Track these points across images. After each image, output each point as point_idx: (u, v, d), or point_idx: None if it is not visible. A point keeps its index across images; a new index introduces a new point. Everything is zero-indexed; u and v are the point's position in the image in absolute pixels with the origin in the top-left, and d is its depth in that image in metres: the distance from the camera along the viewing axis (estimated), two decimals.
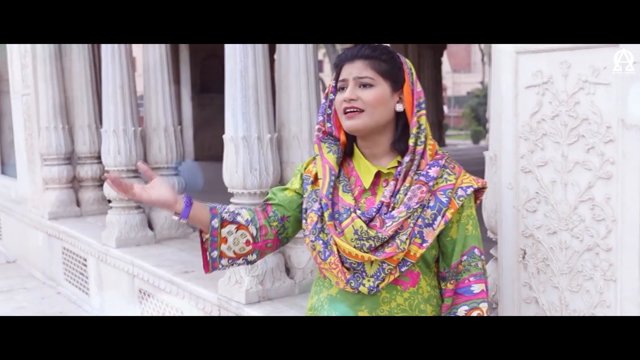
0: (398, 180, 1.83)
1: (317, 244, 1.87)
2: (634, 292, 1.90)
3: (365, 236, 1.79)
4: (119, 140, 5.38)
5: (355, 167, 1.93)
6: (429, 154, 1.86)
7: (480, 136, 21.32)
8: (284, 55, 3.80)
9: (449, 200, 1.82)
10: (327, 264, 1.85)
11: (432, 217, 1.81)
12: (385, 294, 1.84)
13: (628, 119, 1.85)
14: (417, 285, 1.85)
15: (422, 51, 13.80)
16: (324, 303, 1.93)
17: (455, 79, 40.70)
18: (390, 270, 1.80)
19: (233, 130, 3.67)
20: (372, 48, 1.86)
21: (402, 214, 1.79)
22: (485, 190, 1.94)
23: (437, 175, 1.83)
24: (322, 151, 1.94)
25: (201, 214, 1.94)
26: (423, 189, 1.81)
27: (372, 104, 1.82)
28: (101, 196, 6.73)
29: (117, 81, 5.33)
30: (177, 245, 5.35)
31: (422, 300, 1.86)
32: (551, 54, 2.01)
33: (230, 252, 1.97)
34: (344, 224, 1.83)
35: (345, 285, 1.84)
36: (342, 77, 1.87)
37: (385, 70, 1.84)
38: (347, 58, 1.86)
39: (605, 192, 1.92)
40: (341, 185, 1.90)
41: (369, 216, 1.81)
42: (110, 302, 5.49)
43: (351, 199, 1.86)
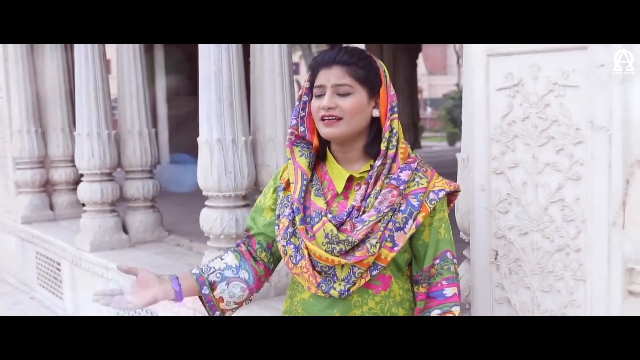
0: (369, 184, 1.83)
1: (288, 248, 1.87)
2: (602, 292, 1.92)
3: (335, 240, 1.79)
4: (93, 143, 5.34)
5: (328, 171, 1.92)
6: (400, 157, 1.86)
7: (456, 138, 21.45)
8: (259, 57, 3.80)
9: (420, 204, 1.82)
10: (298, 268, 1.86)
11: (403, 221, 1.81)
12: (357, 298, 1.84)
13: (597, 121, 1.88)
14: (388, 288, 1.85)
15: (397, 53, 13.85)
16: (297, 307, 1.93)
17: (431, 81, 40.92)
18: (361, 274, 1.80)
19: (208, 132, 3.66)
20: (350, 53, 1.84)
21: (373, 217, 1.79)
22: (458, 194, 1.95)
23: (408, 179, 1.83)
24: (294, 155, 1.93)
25: (191, 288, 1.96)
26: (394, 192, 1.81)
27: (350, 113, 1.81)
28: (75, 200, 6.67)
29: (90, 83, 5.30)
30: (152, 249, 5.33)
31: (394, 304, 1.86)
32: (521, 57, 2.03)
33: (231, 305, 2.00)
34: (315, 228, 1.83)
35: (317, 290, 1.84)
36: (318, 82, 1.84)
37: (362, 76, 1.83)
38: (324, 63, 1.84)
39: (574, 193, 1.95)
40: (313, 189, 1.90)
41: (339, 220, 1.81)
42: (85, 307, 5.45)
43: (323, 203, 1.87)
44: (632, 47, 1.80)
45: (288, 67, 3.84)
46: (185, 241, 5.36)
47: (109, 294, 1.91)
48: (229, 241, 3.71)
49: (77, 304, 5.61)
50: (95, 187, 5.38)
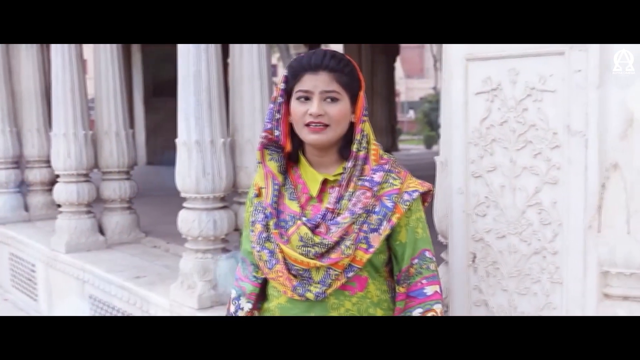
0: (342, 187, 1.84)
1: (263, 253, 1.88)
2: (578, 295, 1.95)
3: (310, 243, 1.80)
4: (69, 143, 5.29)
5: (302, 174, 1.92)
6: (372, 158, 1.87)
7: (432, 141, 21.55)
8: (238, 59, 3.79)
9: (394, 205, 1.83)
10: (273, 272, 1.86)
11: (377, 222, 1.82)
12: (333, 300, 1.84)
13: (573, 126, 1.90)
14: (365, 289, 1.86)
15: (375, 57, 13.89)
16: (275, 312, 1.94)
17: (409, 85, 41.07)
18: (337, 276, 1.81)
19: (186, 134, 3.65)
20: (336, 59, 1.83)
21: (347, 219, 1.80)
22: (431, 194, 1.95)
23: (381, 180, 1.84)
24: (264, 158, 1.92)
25: None
26: (367, 194, 1.82)
27: (337, 120, 1.82)
28: (50, 200, 6.60)
29: (67, 84, 5.24)
30: (129, 250, 5.28)
31: (372, 305, 1.87)
32: (500, 61, 2.05)
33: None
34: (289, 232, 1.84)
35: (292, 293, 1.85)
36: (304, 87, 1.82)
37: (347, 83, 1.83)
38: (311, 67, 1.82)
39: (551, 197, 1.97)
40: (287, 193, 1.90)
41: (314, 223, 1.82)
42: (59, 309, 5.40)
43: (297, 206, 1.87)
44: (608, 48, 1.83)
45: (267, 69, 3.84)
46: (162, 243, 5.33)
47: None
48: (206, 243, 3.70)
49: (51, 305, 5.55)
50: (71, 188, 5.33)
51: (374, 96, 13.54)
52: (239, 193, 3.95)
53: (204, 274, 3.66)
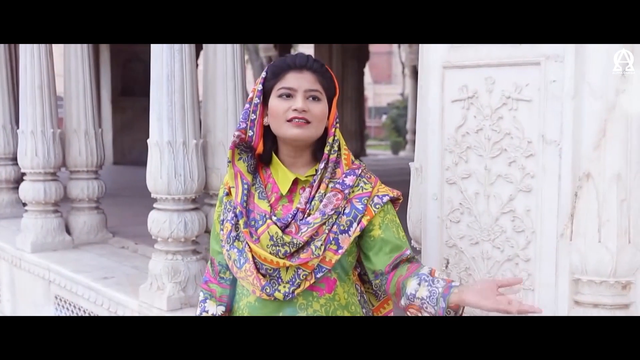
0: (313, 187, 1.87)
1: (232, 252, 1.89)
2: (550, 302, 1.97)
3: (280, 242, 1.82)
4: (36, 141, 5.22)
5: (273, 174, 1.94)
6: (344, 162, 1.91)
7: (399, 147, 21.64)
8: (211, 60, 3.79)
9: (364, 207, 1.86)
10: (242, 272, 1.87)
11: (347, 224, 1.85)
12: (302, 301, 1.86)
13: (548, 135, 1.93)
14: (333, 291, 1.88)
15: (346, 61, 13.95)
16: (244, 311, 1.95)
17: (376, 90, 41.23)
18: (306, 276, 1.83)
19: (158, 134, 3.63)
20: (319, 62, 1.91)
21: (317, 220, 1.82)
22: (400, 202, 1.99)
23: (353, 184, 1.88)
24: (234, 158, 1.94)
25: None
26: (338, 196, 1.85)
27: (318, 118, 1.86)
28: (16, 199, 6.49)
29: (36, 81, 5.18)
30: (96, 250, 5.23)
31: (339, 307, 1.89)
32: (477, 70, 2.08)
33: None
34: (259, 231, 1.85)
35: (261, 293, 1.85)
36: (287, 84, 1.86)
37: (326, 86, 1.89)
38: (295, 66, 1.87)
39: (525, 205, 2.00)
40: (257, 192, 1.92)
41: (284, 222, 1.84)
42: (24, 309, 5.32)
43: (267, 205, 1.89)
44: (583, 58, 1.86)
45: (240, 70, 3.84)
46: (130, 243, 5.29)
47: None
48: (177, 244, 3.68)
49: (15, 305, 5.47)
50: (38, 187, 5.26)
51: (344, 101, 13.58)
52: (210, 195, 3.94)
53: (173, 276, 3.64)
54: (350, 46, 13.76)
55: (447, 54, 2.14)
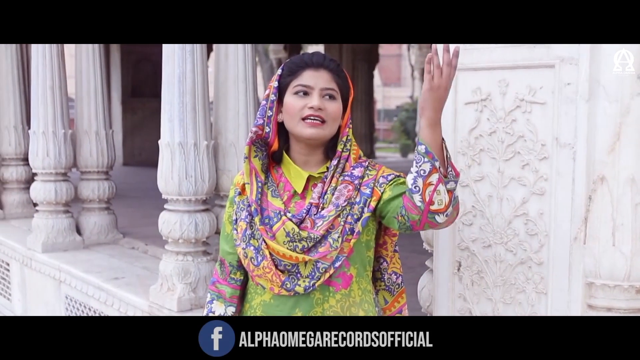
0: (325, 182, 1.88)
1: (248, 250, 1.89)
2: (563, 305, 1.97)
3: (297, 237, 1.83)
4: (48, 142, 5.23)
5: (285, 173, 1.96)
6: (353, 157, 1.93)
7: (408, 150, 21.64)
8: (223, 62, 3.79)
9: (372, 191, 1.88)
10: (260, 269, 1.87)
11: (359, 211, 1.86)
12: (318, 295, 1.87)
13: (562, 138, 1.93)
14: (349, 287, 1.89)
15: (356, 63, 13.93)
16: (257, 309, 1.95)
17: (385, 93, 41.21)
18: (325, 268, 1.84)
19: (169, 136, 3.63)
20: (335, 62, 1.93)
21: (332, 212, 1.84)
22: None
23: (361, 175, 1.90)
24: (250, 155, 1.95)
25: None
26: (349, 187, 1.87)
27: (333, 117, 1.89)
28: (27, 199, 6.51)
29: (47, 82, 5.19)
30: (106, 251, 5.24)
31: (354, 304, 1.90)
32: (490, 72, 2.07)
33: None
34: (275, 228, 1.86)
35: (281, 289, 1.86)
36: (304, 82, 1.88)
37: (342, 85, 1.92)
38: (312, 64, 1.89)
39: (538, 208, 1.99)
40: (270, 190, 1.94)
41: (299, 218, 1.86)
42: (34, 309, 5.33)
43: (280, 203, 1.90)
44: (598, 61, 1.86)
45: (252, 72, 3.84)
46: (140, 244, 5.30)
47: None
48: (187, 245, 3.68)
49: (26, 305, 5.49)
50: (49, 187, 5.27)
51: (354, 103, 13.52)
52: (221, 196, 3.95)
53: (184, 277, 3.64)
54: (360, 48, 13.75)
55: (461, 56, 2.13)
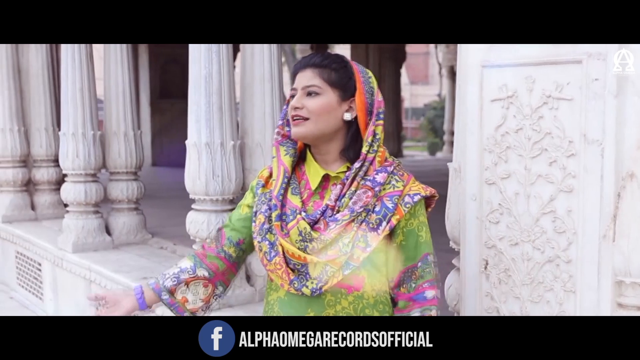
0: (345, 185, 1.86)
1: (263, 244, 1.90)
2: (592, 304, 1.94)
3: (308, 238, 1.82)
4: (77, 143, 5.30)
5: (306, 171, 1.96)
6: (377, 160, 1.89)
7: (436, 148, 21.54)
8: (249, 62, 3.80)
9: (395, 207, 1.84)
10: (272, 264, 1.88)
11: (377, 222, 1.83)
12: (330, 297, 1.86)
13: (590, 134, 1.90)
14: (361, 289, 1.87)
15: (383, 62, 13.92)
16: (274, 306, 1.95)
17: (413, 91, 41.06)
18: (334, 272, 1.82)
19: (196, 136, 3.66)
20: (324, 57, 1.91)
21: (346, 217, 1.82)
22: (435, 199, 1.96)
23: (384, 181, 1.86)
24: (280, 153, 1.96)
25: (152, 297, 2.02)
26: (369, 193, 1.84)
27: (316, 112, 1.86)
28: (57, 200, 6.61)
29: (77, 83, 5.26)
30: (135, 251, 5.29)
31: (368, 305, 1.88)
32: (516, 69, 2.05)
33: (197, 303, 2.03)
34: (289, 225, 1.86)
35: (289, 287, 1.86)
36: (294, 85, 1.92)
37: (334, 79, 1.88)
38: (300, 67, 1.92)
39: (566, 205, 1.97)
40: (291, 187, 1.93)
41: (313, 218, 1.84)
42: (65, 308, 5.40)
43: (299, 201, 1.90)
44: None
45: (278, 72, 3.85)
46: (168, 244, 5.34)
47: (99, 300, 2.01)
48: None
49: (57, 305, 5.56)
50: (79, 188, 5.34)
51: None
52: None
53: None
54: (386, 47, 13.73)
55: (486, 52, 2.12)
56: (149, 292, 2.01)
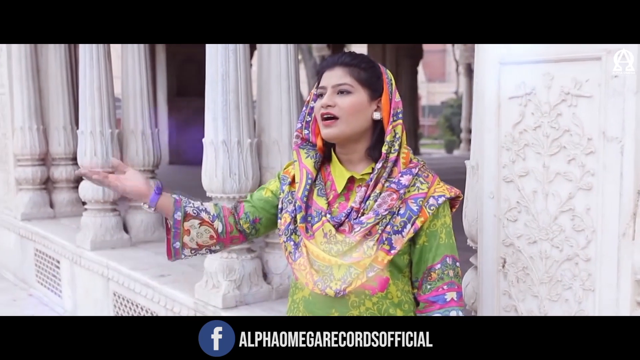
0: (369, 187, 1.85)
1: (288, 244, 1.91)
2: (611, 302, 1.93)
3: (333, 240, 1.82)
4: (95, 142, 5.34)
5: (332, 172, 1.95)
6: (402, 161, 1.88)
7: (453, 146, 21.45)
8: (266, 60, 3.80)
9: (419, 209, 1.84)
10: (297, 264, 1.89)
11: (401, 225, 1.83)
12: (354, 298, 1.85)
13: (609, 131, 1.88)
14: (385, 290, 1.86)
15: (400, 60, 13.89)
16: (299, 305, 1.95)
17: (430, 89, 40.93)
18: (358, 274, 1.82)
19: (213, 134, 3.67)
20: (353, 56, 1.89)
21: (371, 220, 1.81)
22: (460, 200, 1.96)
23: (409, 184, 1.85)
24: (301, 157, 1.97)
25: (167, 204, 2.01)
26: (393, 196, 1.83)
27: (348, 111, 1.85)
28: (75, 198, 6.67)
29: (95, 82, 5.29)
30: (153, 248, 5.32)
31: (392, 305, 1.87)
32: (535, 66, 2.04)
33: (193, 243, 2.04)
34: (315, 227, 1.86)
35: (314, 287, 1.86)
36: (321, 84, 1.90)
37: (364, 78, 1.87)
38: (327, 65, 1.90)
39: (585, 203, 1.95)
40: (316, 189, 1.93)
41: (338, 221, 1.84)
42: (83, 305, 5.45)
43: (324, 202, 1.89)
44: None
45: (295, 70, 3.85)
46: None
47: (88, 172, 1.96)
48: None
49: (76, 302, 5.60)
50: (97, 186, 5.37)
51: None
52: None
53: (228, 274, 3.67)
54: (403, 45, 13.69)
55: (504, 50, 2.11)
56: (167, 198, 2.01)
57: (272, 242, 3.89)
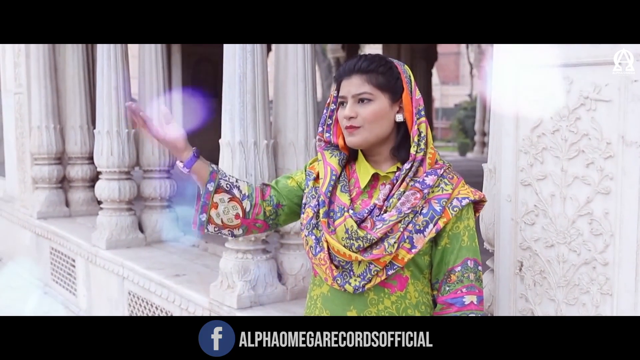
0: (394, 185, 1.87)
1: (309, 239, 1.92)
2: (629, 307, 1.92)
3: (355, 236, 1.83)
4: (112, 141, 5.37)
5: (357, 169, 1.98)
6: (428, 162, 1.90)
7: (467, 148, 21.35)
8: (282, 62, 3.81)
9: (442, 210, 1.85)
10: (317, 259, 1.91)
11: (423, 224, 1.84)
12: (373, 296, 1.87)
13: (628, 136, 1.88)
14: (404, 290, 1.88)
15: (414, 62, 13.84)
16: (317, 301, 1.97)
17: (444, 91, 40.82)
18: (377, 272, 1.83)
19: (230, 135, 3.68)
20: (369, 61, 1.89)
21: (393, 217, 1.82)
22: (484, 204, 1.97)
23: (433, 184, 1.86)
24: (325, 157, 1.99)
25: (203, 172, 2.03)
26: (417, 195, 1.84)
27: (370, 120, 1.86)
28: (91, 197, 6.71)
29: (112, 82, 5.33)
30: (167, 248, 5.34)
31: (410, 305, 1.88)
32: (554, 70, 2.04)
33: (219, 219, 2.03)
34: (337, 223, 1.88)
35: (333, 282, 1.88)
36: (341, 93, 1.91)
37: (382, 83, 1.87)
38: (345, 73, 1.90)
39: (603, 207, 1.95)
40: (340, 185, 1.95)
41: (360, 217, 1.86)
42: (99, 304, 5.47)
43: (347, 199, 1.91)
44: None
45: (311, 72, 3.86)
46: (201, 242, 5.38)
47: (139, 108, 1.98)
48: (247, 243, 3.72)
49: (91, 301, 5.64)
50: (113, 185, 5.41)
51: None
52: None
53: (244, 274, 3.68)
54: (418, 47, 13.66)
55: (523, 53, 2.11)
56: (204, 165, 2.03)
57: (287, 243, 3.90)
